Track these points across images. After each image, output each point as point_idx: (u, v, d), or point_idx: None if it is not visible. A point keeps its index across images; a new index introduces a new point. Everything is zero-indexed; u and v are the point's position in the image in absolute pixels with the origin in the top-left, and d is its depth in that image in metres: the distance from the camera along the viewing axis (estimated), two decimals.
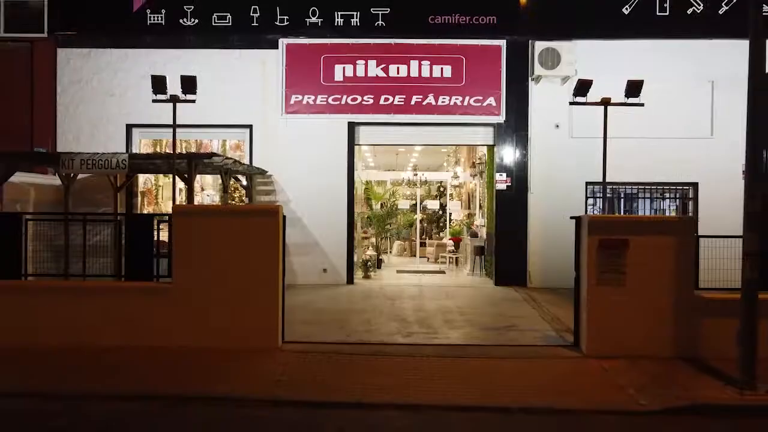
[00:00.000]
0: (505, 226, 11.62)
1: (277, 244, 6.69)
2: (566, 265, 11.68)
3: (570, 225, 11.64)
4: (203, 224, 6.70)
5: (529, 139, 11.55)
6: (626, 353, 6.47)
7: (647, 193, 11.99)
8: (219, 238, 6.65)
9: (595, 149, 11.30)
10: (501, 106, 11.50)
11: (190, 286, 6.63)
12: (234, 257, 6.64)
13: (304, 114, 11.56)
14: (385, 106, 11.53)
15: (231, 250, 6.65)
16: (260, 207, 9.68)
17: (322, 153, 11.60)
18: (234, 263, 6.64)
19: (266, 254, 6.68)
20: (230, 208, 8.60)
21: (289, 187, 11.61)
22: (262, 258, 6.68)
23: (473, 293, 10.83)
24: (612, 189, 11.76)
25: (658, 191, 12.00)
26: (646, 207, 12.11)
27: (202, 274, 6.62)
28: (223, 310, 6.62)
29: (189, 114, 11.45)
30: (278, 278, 6.76)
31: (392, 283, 12.03)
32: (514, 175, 11.58)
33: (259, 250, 6.67)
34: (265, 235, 6.68)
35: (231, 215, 6.82)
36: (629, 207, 12.17)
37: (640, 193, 12.00)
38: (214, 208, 8.83)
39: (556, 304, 9.66)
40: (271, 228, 6.69)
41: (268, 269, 6.70)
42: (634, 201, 12.14)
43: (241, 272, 6.63)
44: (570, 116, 11.46)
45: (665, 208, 12.51)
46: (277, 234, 6.68)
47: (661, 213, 12.37)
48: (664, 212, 12.34)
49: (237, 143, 12.43)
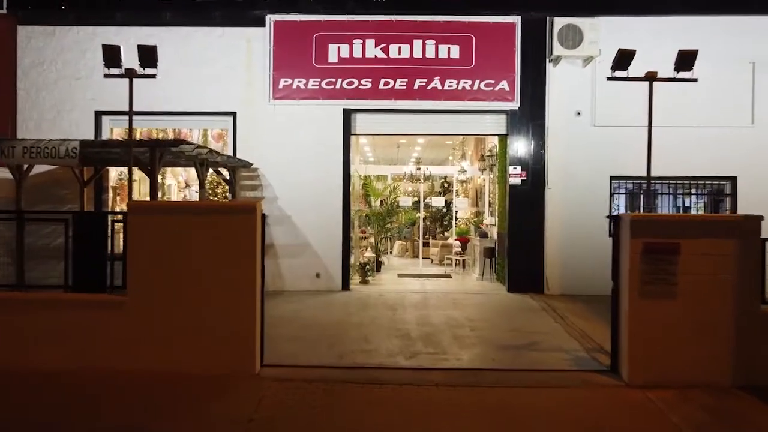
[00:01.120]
0: (519, 226, 10.56)
1: (255, 248, 5.64)
2: (588, 269, 10.69)
3: (593, 224, 10.74)
4: (165, 224, 5.65)
5: (546, 128, 10.48)
6: (676, 381, 5.43)
7: (679, 189, 10.94)
8: (184, 240, 5.60)
9: (621, 139, 10.30)
10: (515, 90, 10.44)
11: (148, 298, 5.59)
12: (202, 263, 5.60)
13: (294, 100, 10.50)
14: (385, 91, 10.47)
15: (198, 255, 5.60)
16: (234, 204, 8.61)
17: (314, 144, 10.55)
18: (202, 270, 5.60)
19: (241, 259, 5.63)
20: (198, 204, 7.55)
21: (276, 182, 10.56)
22: (236, 264, 5.63)
23: (484, 302, 9.78)
24: (635, 184, 10.71)
25: (690, 186, 10.94)
26: (668, 204, 11.06)
27: (163, 284, 5.58)
28: (187, 327, 5.58)
29: (165, 99, 10.46)
30: (255, 288, 5.71)
31: (393, 289, 10.98)
32: (529, 168, 10.52)
33: (232, 255, 5.62)
34: (240, 236, 5.63)
35: (198, 213, 5.76)
36: (648, 204, 11.11)
37: (665, 189, 10.94)
38: (177, 205, 7.75)
39: (580, 315, 8.61)
40: (246, 228, 5.63)
41: (243, 278, 5.65)
42: (661, 198, 11.09)
43: (210, 281, 5.59)
44: (592, 102, 10.41)
45: (694, 204, 11.47)
46: (254, 235, 5.62)
47: (687, 211, 11.33)
48: (688, 210, 11.29)
49: (220, 132, 11.37)
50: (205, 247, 5.61)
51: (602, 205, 10.47)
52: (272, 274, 10.50)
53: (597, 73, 10.31)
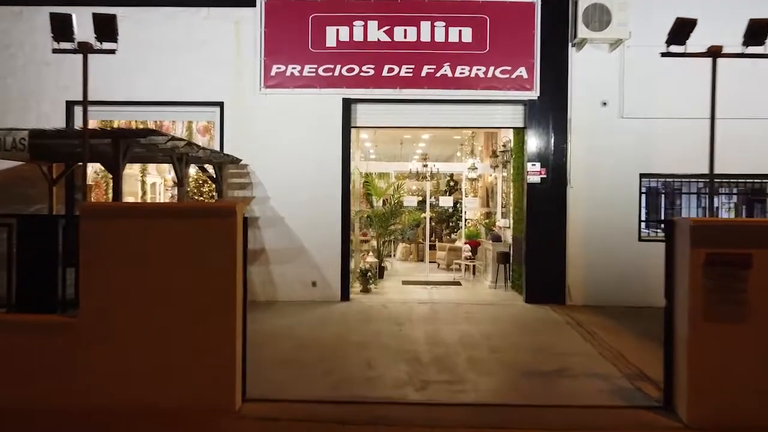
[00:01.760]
0: (537, 229, 9.62)
1: (234, 258, 4.71)
2: (615, 278, 9.74)
3: (621, 227, 9.79)
4: (125, 230, 4.71)
5: (568, 121, 9.54)
6: (747, 422, 4.52)
7: (720, 189, 9.99)
8: (149, 249, 4.68)
9: (653, 132, 9.38)
10: (534, 78, 9.49)
11: (104, 320, 4.66)
12: (171, 277, 4.67)
13: (288, 88, 9.56)
14: (389, 79, 9.53)
15: (166, 267, 4.68)
16: (208, 206, 7.64)
17: (310, 137, 9.62)
18: (171, 286, 4.67)
19: (218, 272, 4.70)
20: (165, 207, 6.64)
21: (268, 180, 9.62)
22: (212, 277, 4.70)
23: (500, 314, 8.84)
24: (664, 183, 9.77)
25: (727, 186, 10.01)
26: (691, 205, 10.12)
27: (123, 302, 4.65)
28: (152, 354, 4.65)
29: (144, 88, 9.56)
30: (235, 307, 4.78)
31: (397, 298, 10.05)
32: (549, 165, 9.57)
33: (207, 267, 4.69)
34: (217, 244, 4.69)
35: (166, 217, 4.83)
36: (670, 205, 10.18)
37: (691, 188, 9.99)
38: (140, 208, 6.74)
39: (612, 331, 7.68)
40: (224, 235, 4.70)
41: (220, 294, 4.72)
42: (683, 197, 10.15)
43: (180, 299, 4.66)
44: (620, 91, 9.46)
45: (722, 205, 10.54)
46: (233, 243, 4.69)
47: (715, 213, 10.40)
48: (717, 211, 10.34)
49: (206, 125, 10.46)
50: (175, 258, 4.68)
51: (631, 205, 9.54)
52: (263, 281, 9.59)
53: (626, 59, 9.39)
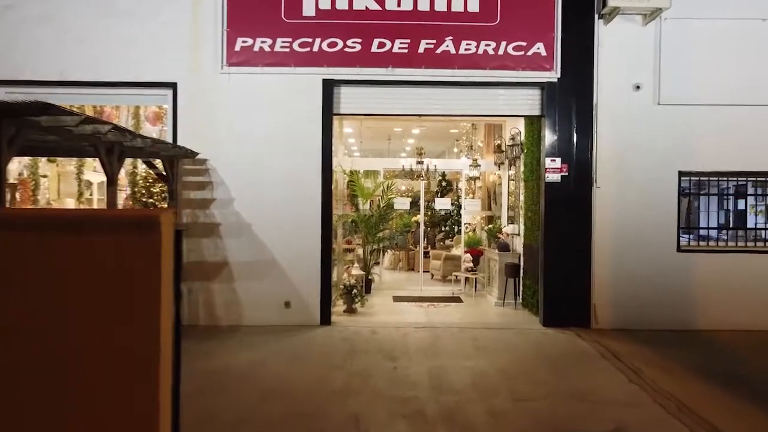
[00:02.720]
0: (557, 236, 8.19)
1: (157, 292, 3.15)
2: (650, 295, 8.30)
3: (656, 234, 8.33)
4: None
5: (594, 107, 8.13)
6: None
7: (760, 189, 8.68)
8: (25, 280, 3.12)
9: (696, 122, 8.02)
10: (554, 56, 8.08)
11: None
12: (61, 317, 3.11)
13: (257, 67, 8.03)
14: (379, 56, 8.05)
15: (51, 306, 3.11)
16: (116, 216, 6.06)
17: (283, 127, 8.11)
18: (63, 328, 3.11)
19: (132, 310, 3.15)
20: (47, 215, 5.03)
21: (232, 178, 8.09)
22: (123, 319, 3.15)
23: (515, 342, 7.39)
24: (704, 182, 8.42)
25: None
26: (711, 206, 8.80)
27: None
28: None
29: (80, 65, 7.98)
30: (158, 360, 3.21)
31: (389, 321, 8.55)
32: (572, 160, 8.16)
33: (116, 302, 3.14)
34: (131, 271, 3.14)
35: (55, 231, 3.27)
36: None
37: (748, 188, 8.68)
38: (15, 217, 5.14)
39: (659, 366, 6.27)
40: (142, 257, 3.14)
41: (135, 341, 3.16)
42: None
43: (74, 348, 3.10)
44: (656, 72, 8.09)
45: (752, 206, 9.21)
46: (155, 270, 3.12)
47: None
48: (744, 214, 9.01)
49: (157, 112, 8.90)
50: (69, 289, 3.13)
51: (668, 209, 8.16)
52: (226, 302, 8.05)
53: (664, 33, 8.02)
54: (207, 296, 8.04)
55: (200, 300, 8.04)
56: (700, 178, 8.29)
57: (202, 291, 8.04)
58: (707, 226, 8.62)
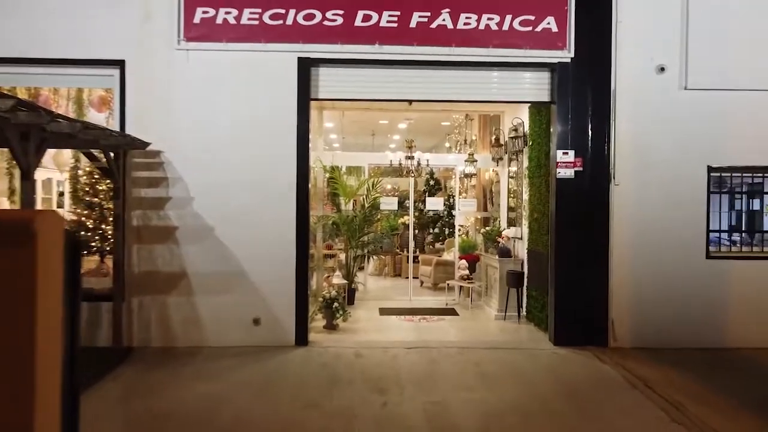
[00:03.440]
0: (569, 241, 7.18)
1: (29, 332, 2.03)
2: (676, 308, 7.36)
3: (684, 238, 7.32)
4: None
5: (612, 93, 7.13)
6: None
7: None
8: None
9: (728, 109, 7.07)
10: (567, 32, 7.07)
11: None
12: None
13: (220, 42, 6.90)
14: (364, 31, 6.97)
15: None
16: None
17: (251, 114, 6.99)
18: None
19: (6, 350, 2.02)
20: None
21: (191, 174, 6.94)
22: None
23: (526, 367, 6.34)
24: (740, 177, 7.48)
25: None
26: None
27: None
28: None
29: (10, 39, 6.80)
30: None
31: (375, 339, 7.48)
32: (587, 154, 7.15)
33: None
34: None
35: None
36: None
37: None
38: None
39: (702, 398, 5.28)
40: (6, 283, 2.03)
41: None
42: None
43: None
44: (683, 52, 7.11)
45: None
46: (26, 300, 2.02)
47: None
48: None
49: (104, 96, 7.71)
50: None
51: (696, 208, 7.20)
52: (184, 320, 6.90)
53: (692, 7, 7.05)
54: (161, 313, 6.88)
55: (152, 317, 6.88)
56: (732, 174, 7.34)
57: (155, 307, 6.88)
58: (732, 229, 7.68)
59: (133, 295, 6.85)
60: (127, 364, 6.24)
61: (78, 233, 7.04)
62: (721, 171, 7.26)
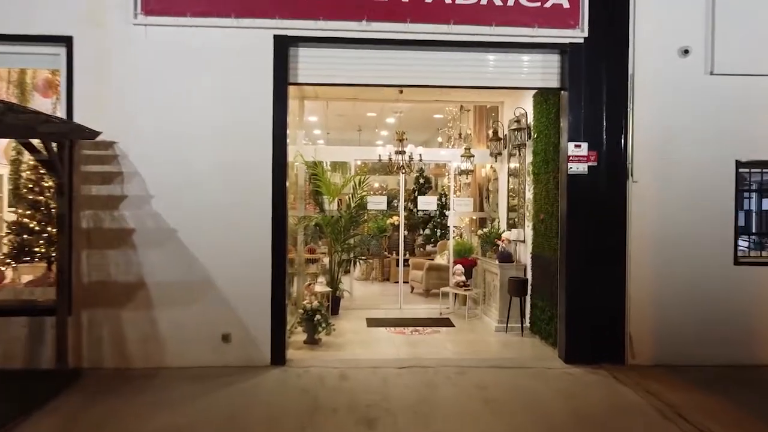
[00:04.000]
0: (582, 245, 6.41)
1: None
2: (700, 321, 6.58)
3: (710, 241, 6.24)
4: None
5: (630, 77, 6.37)
6: None
7: None
8: None
9: (758, 96, 6.34)
10: (580, 9, 6.30)
11: None
12: None
13: (183, 17, 6.05)
14: (350, 5, 6.15)
15: None
16: None
17: (220, 99, 6.13)
18: None
19: None
20: None
21: (150, 168, 6.07)
22: None
23: (538, 390, 5.56)
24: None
25: None
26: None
27: None
28: None
29: None
30: None
31: (363, 356, 6.67)
32: (603, 147, 6.39)
33: None
34: None
35: None
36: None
37: None
38: None
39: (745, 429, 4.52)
40: None
41: None
42: None
43: None
44: (709, 33, 6.38)
45: None
46: None
47: None
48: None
49: (50, 78, 6.81)
50: None
51: (723, 208, 6.46)
52: (142, 337, 6.04)
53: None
54: (115, 329, 6.01)
55: (105, 334, 6.00)
56: (762, 170, 6.62)
57: (107, 322, 6.00)
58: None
59: (83, 308, 5.97)
60: (73, 389, 5.37)
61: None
62: (751, 166, 6.52)
